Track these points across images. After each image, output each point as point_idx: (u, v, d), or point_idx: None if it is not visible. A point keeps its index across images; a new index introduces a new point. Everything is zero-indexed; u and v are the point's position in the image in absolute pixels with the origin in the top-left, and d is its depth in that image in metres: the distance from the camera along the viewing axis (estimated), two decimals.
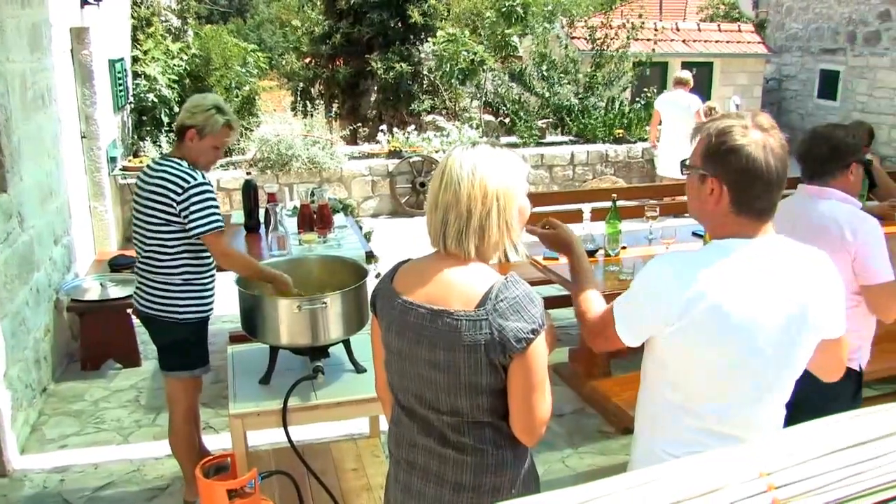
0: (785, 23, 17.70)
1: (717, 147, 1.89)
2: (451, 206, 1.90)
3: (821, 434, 1.45)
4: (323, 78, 16.50)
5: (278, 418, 2.90)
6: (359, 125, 14.33)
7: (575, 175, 11.70)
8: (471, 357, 1.86)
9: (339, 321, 3.08)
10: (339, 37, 15.67)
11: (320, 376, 3.05)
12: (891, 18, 14.77)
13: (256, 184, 5.22)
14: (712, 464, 1.35)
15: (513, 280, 1.90)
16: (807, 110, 17.06)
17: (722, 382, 1.93)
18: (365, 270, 3.30)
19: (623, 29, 13.77)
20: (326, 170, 10.38)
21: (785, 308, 1.90)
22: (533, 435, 1.97)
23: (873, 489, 1.42)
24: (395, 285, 2.01)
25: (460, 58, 12.70)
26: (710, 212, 1.95)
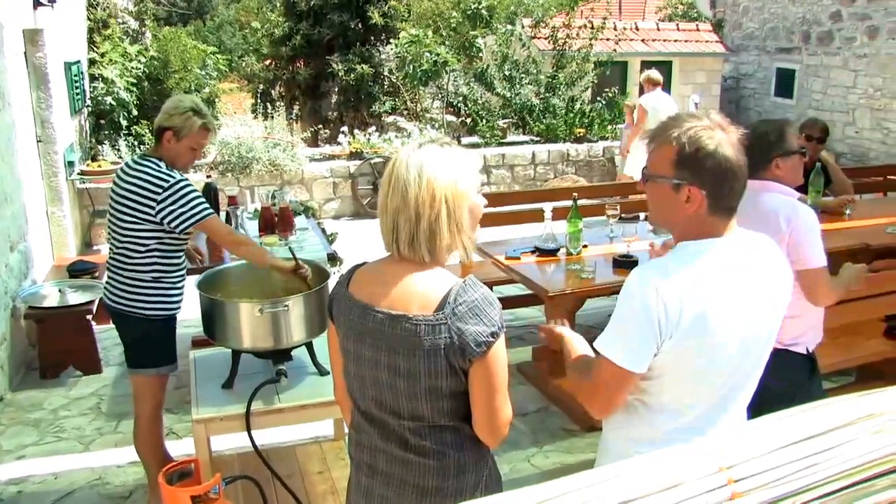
0: (742, 22, 17.92)
1: (693, 154, 1.87)
2: (400, 210, 1.87)
3: (777, 427, 1.47)
4: (283, 80, 16.40)
5: (242, 422, 2.88)
6: (320, 127, 14.28)
7: (536, 174, 11.75)
8: (431, 361, 1.84)
9: (302, 324, 3.08)
10: (299, 38, 15.59)
11: (283, 379, 3.03)
12: (842, 19, 15.03)
13: (217, 187, 5.17)
14: (672, 459, 1.36)
15: (471, 283, 1.88)
16: (764, 108, 17.30)
17: (706, 382, 1.94)
18: (327, 272, 3.30)
19: (584, 29, 13.86)
20: (287, 172, 10.32)
21: (764, 303, 1.95)
22: (496, 437, 1.97)
23: (827, 479, 1.44)
24: (352, 290, 1.99)
25: (423, 59, 12.69)
26: (683, 218, 1.94)
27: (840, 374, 4.81)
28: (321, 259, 4.41)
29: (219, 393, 3.11)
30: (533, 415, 4.76)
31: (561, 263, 4.62)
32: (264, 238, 4.74)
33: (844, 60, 15.03)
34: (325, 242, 4.98)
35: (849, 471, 1.47)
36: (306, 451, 3.98)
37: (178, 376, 4.39)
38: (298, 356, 3.30)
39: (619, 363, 1.89)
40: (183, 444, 4.37)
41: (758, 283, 1.94)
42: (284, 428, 3.78)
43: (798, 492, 1.43)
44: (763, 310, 1.95)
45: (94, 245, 8.83)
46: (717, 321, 1.86)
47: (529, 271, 4.50)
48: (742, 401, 2.05)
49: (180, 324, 3.78)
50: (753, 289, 1.93)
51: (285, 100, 15.93)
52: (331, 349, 2.15)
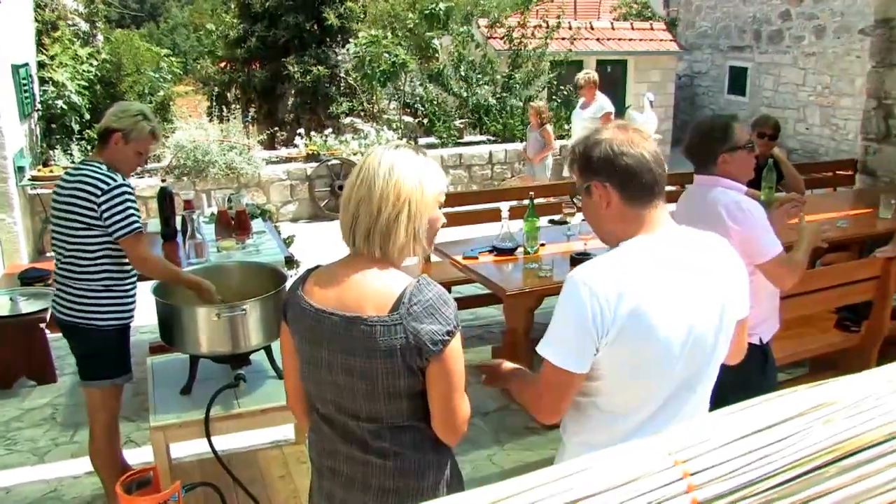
0: (695, 21, 18.17)
1: (585, 155, 1.98)
2: (364, 201, 1.88)
3: (731, 420, 1.50)
4: (239, 82, 16.27)
5: (201, 429, 2.86)
6: (276, 129, 14.20)
7: (494, 174, 11.79)
8: (388, 363, 1.85)
9: (260, 328, 3.06)
10: (254, 40, 15.48)
11: (242, 384, 3.01)
12: (791, 18, 15.32)
13: (172, 191, 5.12)
14: (627, 454, 1.38)
15: (425, 282, 1.89)
16: (718, 105, 17.55)
17: (654, 380, 1.95)
18: (284, 276, 3.28)
19: (539, 29, 13.93)
20: (244, 175, 10.26)
21: (706, 299, 1.96)
22: (455, 435, 1.98)
23: (780, 469, 1.47)
24: (306, 293, 1.98)
25: (382, 60, 12.68)
26: (607, 217, 1.99)
27: (794, 365, 4.89)
28: (278, 262, 4.38)
29: (177, 399, 3.08)
30: (493, 414, 4.78)
31: (519, 262, 4.65)
32: (221, 242, 4.70)
33: (794, 59, 15.33)
34: (282, 245, 4.95)
35: (801, 460, 1.50)
36: (267, 455, 3.95)
37: (136, 383, 4.33)
38: (257, 360, 3.28)
39: (559, 364, 1.91)
40: (142, 452, 4.31)
41: (700, 279, 1.95)
42: (245, 433, 3.74)
43: (752, 482, 1.45)
44: (708, 306, 1.96)
45: (46, 252, 8.69)
46: (656, 318, 1.87)
47: (487, 271, 4.52)
48: (699, 397, 2.06)
49: (137, 330, 3.73)
50: (694, 285, 1.94)
51: (241, 102, 15.81)
52: (283, 353, 2.14)
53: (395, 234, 1.88)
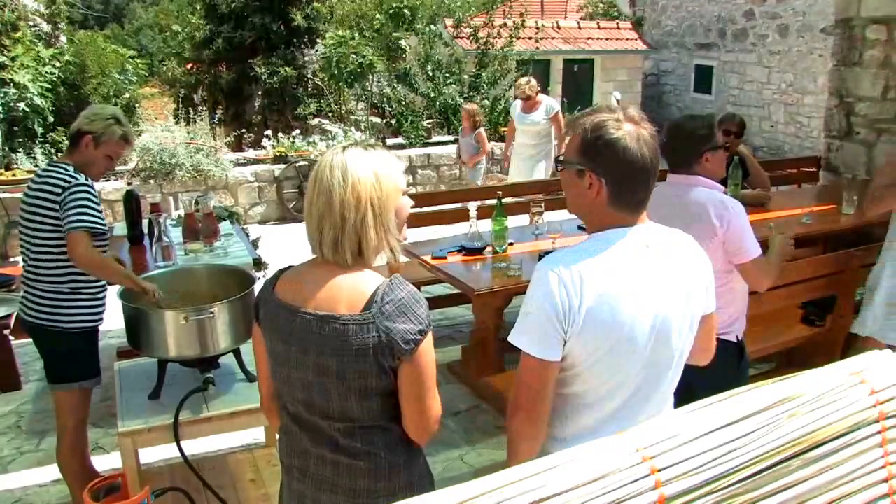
0: (661, 20, 18.32)
1: (594, 141, 1.92)
2: (325, 213, 1.87)
3: (698, 416, 1.51)
4: (206, 84, 16.19)
5: (170, 433, 2.84)
6: (244, 131, 14.13)
7: (462, 174, 11.78)
8: (360, 361, 1.84)
9: (228, 331, 3.04)
10: (221, 42, 15.40)
11: (211, 388, 3.00)
12: (755, 17, 15.51)
13: (139, 194, 5.08)
14: (597, 452, 1.39)
15: (397, 282, 1.89)
16: (684, 103, 17.71)
17: (621, 373, 1.96)
18: (252, 278, 3.26)
19: (505, 28, 13.98)
20: (211, 177, 10.19)
21: (672, 291, 1.98)
22: (426, 434, 1.98)
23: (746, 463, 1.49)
24: (278, 292, 1.98)
25: (349, 60, 12.65)
26: (588, 205, 1.98)
27: (761, 361, 4.95)
28: (246, 264, 4.36)
29: (145, 404, 3.05)
30: (464, 413, 4.79)
31: (487, 262, 4.65)
32: (188, 245, 4.66)
33: (759, 57, 15.52)
34: (249, 247, 4.92)
35: (766, 454, 1.52)
36: (237, 459, 3.93)
37: (104, 388, 4.28)
38: (226, 363, 3.26)
39: (531, 352, 1.92)
40: (110, 458, 4.27)
41: (665, 271, 1.98)
42: (214, 437, 3.72)
43: (719, 477, 1.47)
44: (673, 298, 1.99)
45: (10, 257, 8.56)
46: (623, 310, 1.89)
47: (456, 270, 4.52)
48: (664, 392, 2.08)
49: (104, 335, 3.69)
50: (660, 277, 1.96)
51: (208, 104, 15.72)
52: (256, 354, 2.13)
53: (366, 237, 1.88)
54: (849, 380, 1.65)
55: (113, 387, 3.32)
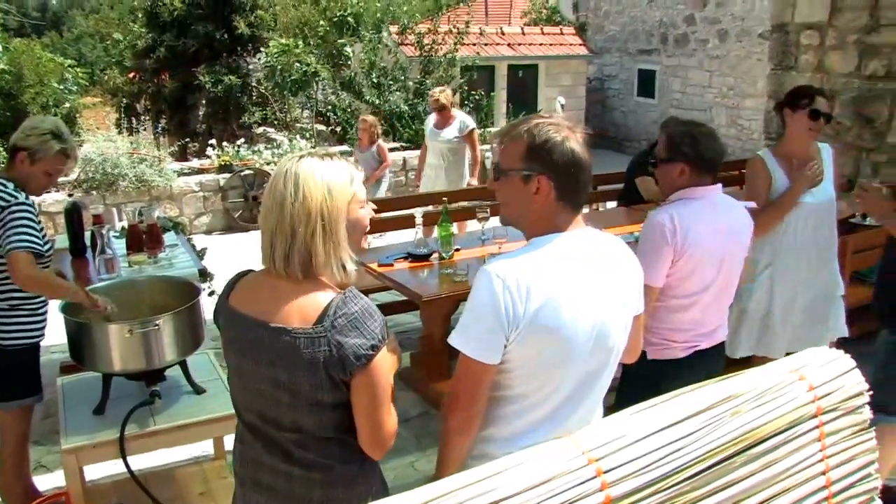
0: (604, 25, 18.54)
1: (542, 145, 1.96)
2: (277, 225, 1.85)
3: (642, 416, 1.54)
4: (149, 93, 15.99)
5: (116, 449, 2.80)
6: (188, 140, 13.96)
7: (408, 180, 11.79)
8: (311, 375, 1.83)
9: (174, 343, 3.00)
10: (163, 50, 15.23)
11: (158, 401, 2.96)
12: (695, 22, 15.79)
13: (81, 206, 4.99)
14: (542, 455, 1.40)
15: (351, 295, 1.87)
16: (628, 108, 17.95)
17: (559, 374, 1.98)
18: (197, 289, 3.22)
19: (450, 35, 14.04)
20: (156, 188, 10.05)
21: (611, 295, 2.02)
22: (381, 449, 1.96)
23: (692, 462, 1.52)
24: (233, 301, 1.96)
25: (293, 69, 12.58)
26: (535, 210, 2.00)
27: None
28: (192, 275, 4.31)
29: (90, 419, 3.00)
30: (415, 420, 4.78)
31: (434, 268, 4.66)
32: (132, 257, 4.59)
33: (700, 61, 15.79)
34: (195, 258, 4.87)
35: (710, 452, 1.55)
36: (186, 472, 3.88)
37: (46, 405, 4.18)
38: (172, 376, 3.21)
39: (472, 355, 1.93)
40: (54, 477, 4.17)
41: (605, 277, 2.02)
42: (162, 451, 3.67)
43: (665, 476, 1.49)
44: (613, 302, 2.03)
45: None
46: (565, 312, 1.91)
47: (403, 277, 4.52)
48: (599, 392, 2.11)
49: (47, 350, 3.62)
50: (601, 282, 2.00)
51: (151, 113, 15.53)
52: None
53: (315, 252, 1.85)
54: (788, 377, 1.69)
55: (56, 403, 3.25)
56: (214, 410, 3.03)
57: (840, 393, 1.71)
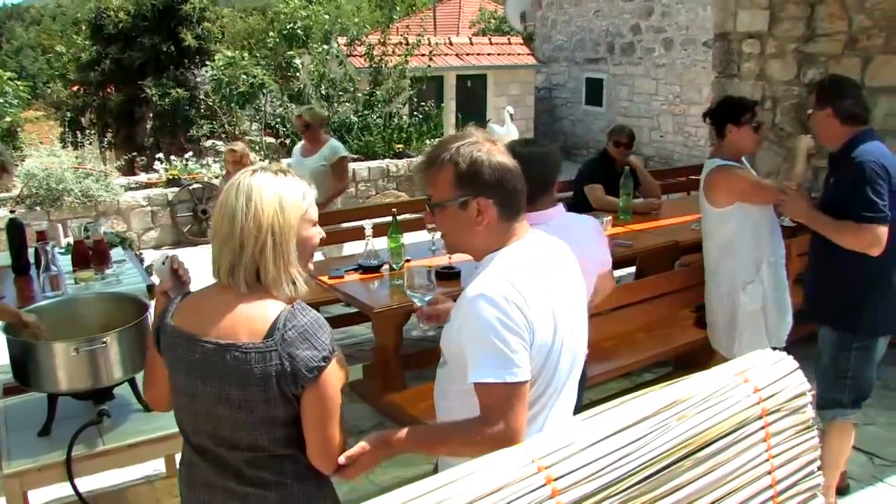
0: (551, 35, 18.71)
1: (470, 168, 1.93)
2: (227, 239, 1.83)
3: (591, 423, 1.55)
4: (94, 106, 15.75)
5: (63, 471, 2.73)
6: (135, 154, 13.78)
7: (358, 192, 11.75)
8: (263, 390, 1.80)
9: (122, 360, 2.95)
10: (108, 63, 15.04)
11: (106, 420, 2.90)
12: (641, 31, 16.03)
13: (23, 222, 4.89)
14: (491, 463, 1.41)
15: (300, 308, 1.85)
16: (577, 116, 18.14)
17: (554, 381, 1.97)
18: (146, 305, 3.18)
19: (400, 46, 14.06)
20: (102, 203, 9.90)
21: (578, 300, 2.06)
22: (332, 463, 1.93)
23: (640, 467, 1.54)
24: (177, 321, 1.93)
25: (240, 81, 12.49)
26: (479, 233, 1.98)
27: (659, 365, 5.09)
28: (141, 291, 4.25)
29: (35, 441, 2.93)
30: (369, 432, 4.75)
31: (385, 279, 4.64)
32: (78, 273, 4.51)
33: (646, 70, 16.02)
34: (143, 274, 4.80)
35: (658, 457, 1.58)
36: (137, 492, 3.82)
37: None
38: (121, 394, 3.16)
39: (511, 379, 1.82)
40: None
41: (570, 282, 2.05)
42: (112, 471, 3.60)
43: (615, 482, 1.51)
44: (579, 306, 2.06)
45: None
46: (558, 321, 1.93)
47: (354, 289, 4.50)
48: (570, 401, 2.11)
49: None
50: (570, 287, 2.03)
51: (97, 127, 15.31)
52: (147, 366, 2.10)
53: (264, 267, 1.83)
54: (733, 380, 1.73)
55: None
56: (165, 427, 2.97)
57: (784, 394, 1.75)
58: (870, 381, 3.55)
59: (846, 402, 3.54)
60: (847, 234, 3.33)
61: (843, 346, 3.49)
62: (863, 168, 3.27)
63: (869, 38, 6.15)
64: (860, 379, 3.51)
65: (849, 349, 3.48)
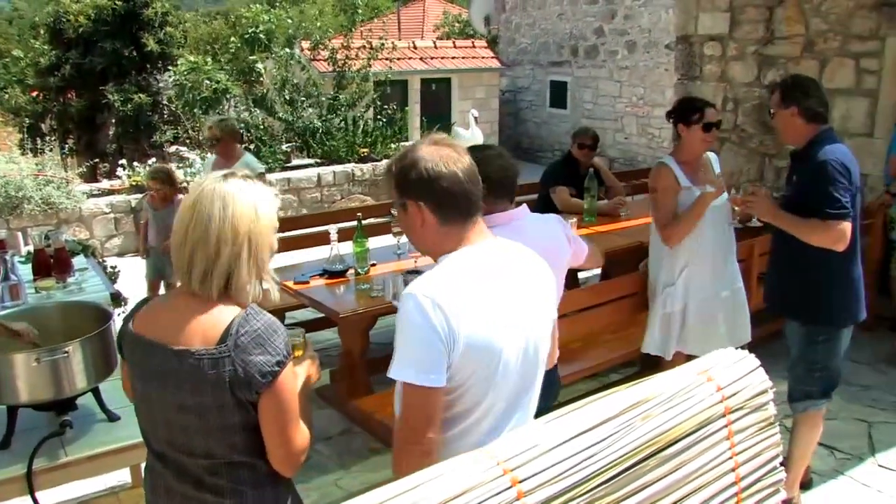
0: (515, 38, 18.78)
1: (402, 171, 1.97)
2: (200, 243, 1.83)
3: (555, 425, 1.56)
4: (54, 112, 15.52)
5: (23, 485, 2.68)
6: (97, 161, 13.60)
7: (323, 197, 11.70)
8: (218, 397, 1.80)
9: (85, 370, 2.90)
10: (68, 68, 14.83)
11: (69, 431, 2.86)
12: (605, 34, 16.14)
13: None
14: (456, 467, 1.41)
15: (253, 312, 1.85)
16: (542, 119, 18.22)
17: (492, 393, 1.95)
18: (108, 313, 3.14)
19: (363, 50, 14.03)
20: (64, 210, 9.76)
21: (536, 308, 2.03)
22: (292, 466, 1.94)
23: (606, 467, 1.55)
24: (136, 327, 1.92)
25: (203, 86, 12.39)
26: (425, 234, 2.00)
27: (626, 365, 5.12)
28: (104, 299, 4.20)
29: None
30: (337, 437, 4.74)
31: (350, 284, 4.63)
32: (39, 282, 4.45)
33: (610, 72, 16.14)
34: (106, 282, 4.75)
35: (623, 457, 1.59)
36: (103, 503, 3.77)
37: None
38: (84, 404, 3.11)
39: (419, 382, 1.85)
40: None
41: (529, 291, 2.02)
42: (76, 483, 3.55)
43: (580, 482, 1.52)
44: (537, 315, 2.04)
45: None
46: (496, 327, 1.90)
47: (320, 294, 4.48)
48: (529, 410, 2.10)
49: None
50: (526, 297, 2.00)
51: (58, 133, 15.08)
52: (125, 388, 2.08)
53: (237, 274, 1.84)
54: (697, 379, 1.74)
55: None
56: (130, 437, 2.93)
57: (746, 392, 1.77)
58: (837, 371, 3.65)
59: (817, 393, 3.62)
60: (814, 231, 3.38)
61: (811, 339, 3.57)
62: (826, 167, 3.33)
63: (825, 42, 6.27)
64: (829, 370, 3.61)
65: (816, 342, 3.56)
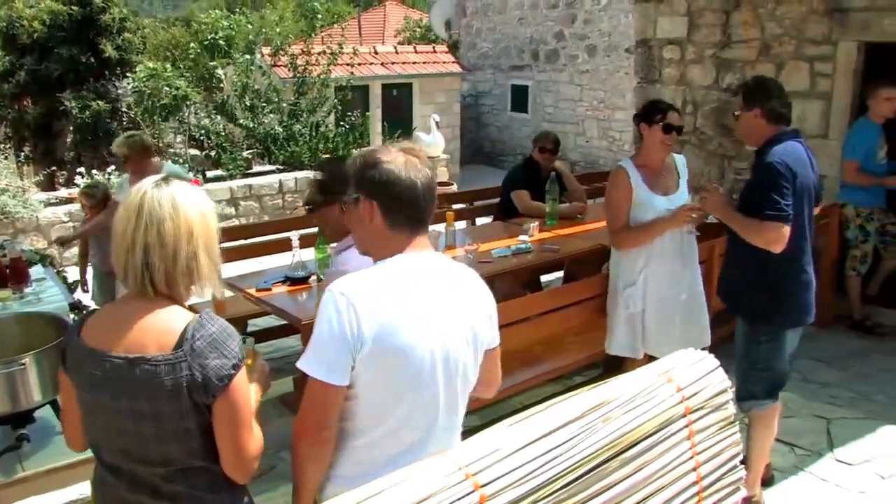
0: (476, 43, 18.85)
1: (362, 168, 2.02)
2: (154, 247, 1.83)
3: (517, 428, 1.56)
4: (9, 119, 15.24)
5: None
6: (55, 169, 13.40)
7: (285, 203, 11.62)
8: (174, 402, 1.79)
9: (42, 382, 2.86)
10: (23, 74, 14.55)
11: (26, 444, 2.81)
12: (565, 38, 16.26)
13: None
14: (421, 473, 1.41)
15: (207, 317, 1.86)
16: (503, 123, 18.30)
17: (406, 407, 1.96)
18: (66, 323, 3.10)
19: (323, 55, 13.98)
20: (20, 220, 9.61)
21: (458, 324, 2.02)
22: (245, 472, 1.93)
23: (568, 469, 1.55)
24: (85, 337, 1.90)
25: (162, 93, 12.26)
26: (370, 233, 2.05)
27: (590, 368, 5.15)
28: (62, 309, 4.14)
29: None
30: None
31: (313, 291, 4.61)
32: None
33: (570, 76, 16.26)
34: (65, 291, 4.69)
35: (585, 459, 1.60)
36: None
37: None
38: (42, 416, 3.06)
39: (319, 377, 1.91)
40: None
41: (452, 304, 2.03)
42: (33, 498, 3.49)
43: (543, 485, 1.52)
44: (460, 331, 2.03)
45: None
46: (409, 336, 1.92)
47: (282, 301, 4.45)
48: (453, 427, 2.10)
49: None
50: (445, 306, 2.01)
51: (13, 141, 14.80)
52: (63, 402, 2.04)
53: (198, 271, 1.87)
54: (657, 380, 1.76)
55: None
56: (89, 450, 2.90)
57: (706, 392, 1.79)
58: (781, 372, 3.67)
59: (761, 393, 3.65)
60: (752, 230, 3.45)
61: (753, 337, 3.62)
62: (769, 168, 3.39)
63: (780, 45, 6.36)
64: (772, 371, 3.64)
65: (759, 342, 3.61)
